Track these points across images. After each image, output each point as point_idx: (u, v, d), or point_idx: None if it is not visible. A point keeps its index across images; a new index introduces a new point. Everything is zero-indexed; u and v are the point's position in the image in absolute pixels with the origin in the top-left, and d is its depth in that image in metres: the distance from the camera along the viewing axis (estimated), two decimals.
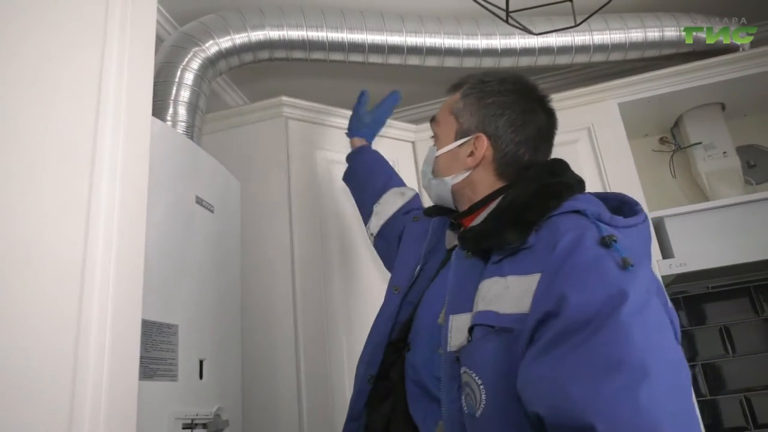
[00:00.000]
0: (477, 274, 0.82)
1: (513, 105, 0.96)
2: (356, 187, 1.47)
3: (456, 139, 0.98)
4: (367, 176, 1.43)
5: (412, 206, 1.33)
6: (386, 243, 1.30)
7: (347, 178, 1.49)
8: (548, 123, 1.00)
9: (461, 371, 0.76)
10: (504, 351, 0.71)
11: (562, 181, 0.86)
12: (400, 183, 1.42)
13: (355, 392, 1.00)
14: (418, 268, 1.01)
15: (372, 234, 1.35)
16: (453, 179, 0.98)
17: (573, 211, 0.79)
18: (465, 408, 0.75)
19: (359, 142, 1.51)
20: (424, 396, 0.85)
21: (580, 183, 0.88)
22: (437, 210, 1.08)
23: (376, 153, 1.49)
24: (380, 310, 1.03)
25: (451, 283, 0.85)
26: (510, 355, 0.71)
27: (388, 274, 1.13)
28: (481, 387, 0.71)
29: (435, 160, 1.01)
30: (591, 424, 0.58)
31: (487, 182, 0.95)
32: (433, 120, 1.05)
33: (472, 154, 0.96)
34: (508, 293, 0.74)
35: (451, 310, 0.81)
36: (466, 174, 0.96)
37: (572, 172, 0.92)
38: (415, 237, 1.06)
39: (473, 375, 0.73)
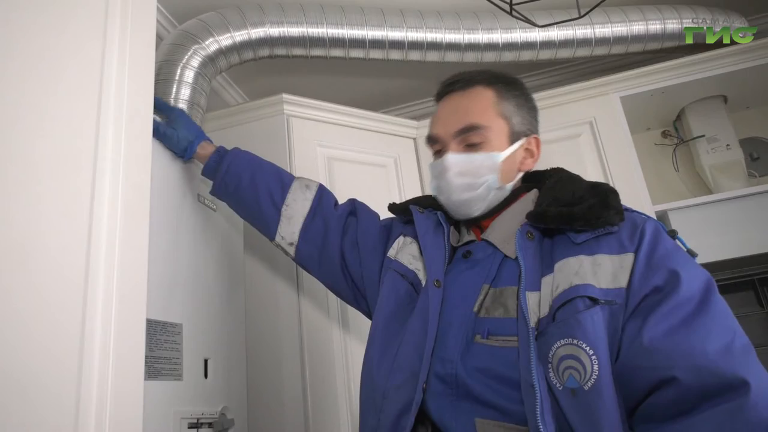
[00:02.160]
0: (539, 254, 0.86)
1: (535, 107, 1.03)
2: (238, 197, 1.21)
3: (511, 143, 0.96)
4: (249, 181, 1.19)
5: (331, 198, 1.21)
6: (315, 247, 1.15)
7: (219, 192, 1.23)
8: None
9: (555, 346, 0.75)
10: (608, 323, 0.75)
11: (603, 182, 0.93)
12: (288, 172, 1.24)
13: (397, 407, 0.84)
14: (447, 260, 0.95)
15: (291, 243, 1.17)
16: (512, 183, 0.97)
17: (626, 209, 0.87)
18: (557, 384, 0.74)
19: (204, 149, 1.23)
20: (452, 392, 0.81)
21: None
22: (429, 203, 1.06)
23: (237, 150, 1.23)
24: (420, 308, 0.91)
25: (525, 264, 0.84)
26: (611, 327, 0.75)
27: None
28: (593, 358, 0.72)
29: (500, 167, 0.94)
30: (743, 378, 0.66)
31: (516, 183, 0.99)
32: (474, 128, 0.94)
33: (527, 156, 0.98)
34: (601, 270, 0.79)
35: (527, 288, 0.82)
36: (519, 176, 0.99)
37: None
38: (432, 229, 1.01)
39: (584, 346, 0.73)
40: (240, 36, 1.61)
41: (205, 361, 1.20)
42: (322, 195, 1.21)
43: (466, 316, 0.86)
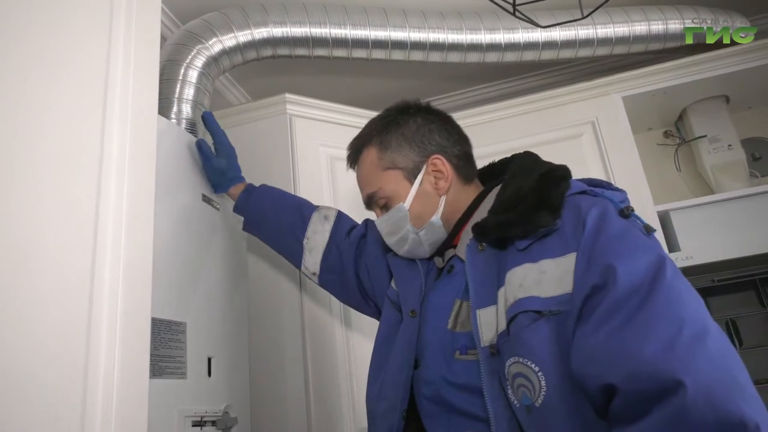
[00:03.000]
0: (495, 265, 0.82)
1: (427, 120, 1.00)
2: (266, 232, 1.33)
3: (412, 182, 0.96)
4: (274, 217, 1.28)
5: (347, 225, 1.26)
6: (335, 274, 1.22)
7: (249, 228, 1.34)
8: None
9: (507, 363, 0.75)
10: (555, 334, 0.72)
11: (562, 166, 0.88)
12: (309, 204, 1.31)
13: None
14: (423, 288, 0.96)
15: (314, 273, 1.24)
16: (437, 214, 0.95)
17: (580, 192, 0.82)
18: (515, 401, 0.73)
19: (237, 189, 1.33)
20: (444, 410, 0.82)
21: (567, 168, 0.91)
22: None
23: (264, 188, 1.33)
24: (399, 338, 0.94)
25: (473, 280, 0.83)
26: (561, 337, 0.72)
27: None
28: (540, 374, 0.71)
29: (408, 215, 0.96)
30: (677, 379, 0.60)
31: (462, 194, 0.97)
32: (372, 198, 1.00)
33: (438, 178, 0.96)
34: (546, 277, 0.75)
35: (476, 305, 0.81)
36: (444, 199, 0.96)
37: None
38: (405, 263, 1.03)
39: (528, 363, 0.72)
40: (243, 36, 1.62)
41: (209, 360, 1.20)
42: (339, 223, 1.25)
43: (442, 333, 0.86)
